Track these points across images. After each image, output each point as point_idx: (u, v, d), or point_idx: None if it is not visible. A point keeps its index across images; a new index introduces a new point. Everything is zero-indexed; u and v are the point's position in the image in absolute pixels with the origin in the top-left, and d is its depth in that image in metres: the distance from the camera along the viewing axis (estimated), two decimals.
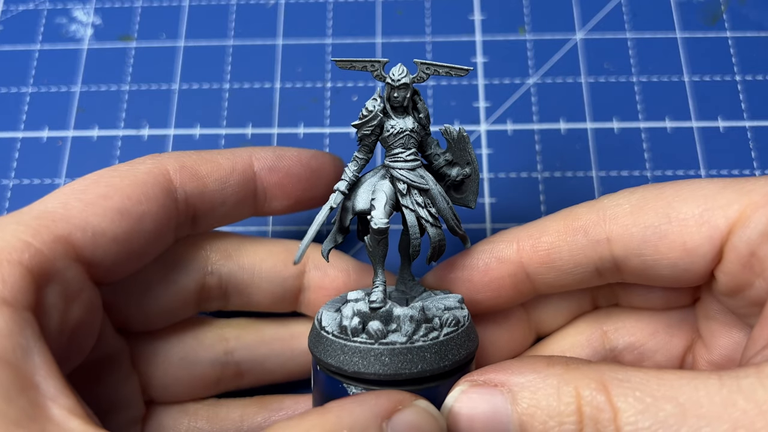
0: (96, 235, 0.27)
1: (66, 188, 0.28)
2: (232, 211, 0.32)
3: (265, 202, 0.33)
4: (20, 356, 0.22)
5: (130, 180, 0.29)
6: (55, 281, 0.25)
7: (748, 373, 0.22)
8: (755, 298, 0.27)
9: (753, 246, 0.26)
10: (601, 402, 0.23)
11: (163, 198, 0.29)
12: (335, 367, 0.27)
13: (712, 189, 0.28)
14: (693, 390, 0.22)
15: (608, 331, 0.34)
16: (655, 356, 0.33)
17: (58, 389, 0.23)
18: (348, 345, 0.27)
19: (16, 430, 0.21)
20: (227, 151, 0.32)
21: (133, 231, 0.28)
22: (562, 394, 0.24)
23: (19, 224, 0.25)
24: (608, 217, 0.29)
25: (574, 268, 0.30)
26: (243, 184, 0.32)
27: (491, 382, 0.26)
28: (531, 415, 0.24)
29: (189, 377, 0.33)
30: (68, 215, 0.26)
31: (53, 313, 0.25)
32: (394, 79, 0.29)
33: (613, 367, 0.24)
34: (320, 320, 0.29)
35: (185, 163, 0.31)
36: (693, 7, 0.46)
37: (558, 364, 0.25)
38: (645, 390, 0.23)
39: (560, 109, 0.43)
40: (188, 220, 0.31)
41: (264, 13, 0.47)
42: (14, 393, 0.21)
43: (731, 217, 0.27)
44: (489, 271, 0.31)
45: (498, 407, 0.25)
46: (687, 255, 0.28)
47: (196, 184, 0.31)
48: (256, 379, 0.35)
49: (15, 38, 0.47)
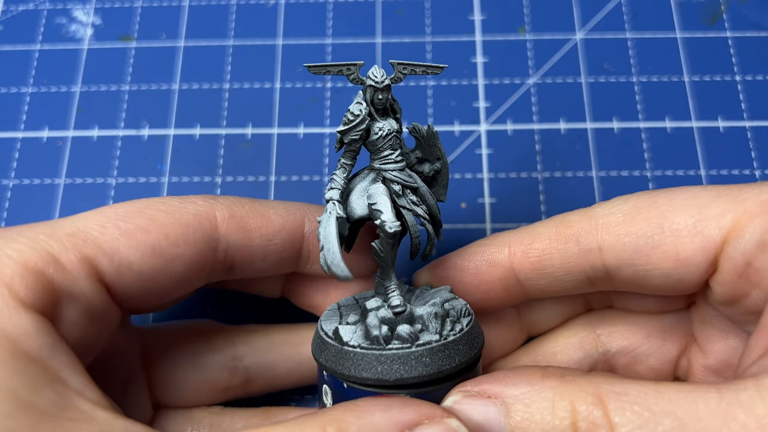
0: (122, 266, 0.27)
1: (109, 210, 0.28)
2: (271, 266, 0.31)
3: (308, 263, 0.32)
4: (47, 353, 0.23)
5: (174, 218, 0.28)
6: (76, 299, 0.25)
7: (747, 386, 0.22)
8: (752, 307, 0.27)
9: (749, 256, 0.26)
10: (598, 417, 0.23)
11: (203, 245, 0.29)
12: (373, 379, 0.26)
13: (706, 198, 0.27)
14: (692, 404, 0.22)
15: (601, 334, 0.34)
16: (648, 360, 0.33)
17: (83, 384, 0.23)
18: (384, 354, 0.26)
19: (46, 419, 0.21)
20: (281, 205, 0.31)
21: (162, 270, 0.28)
22: (557, 408, 0.24)
23: (51, 237, 0.25)
24: (600, 226, 0.29)
25: (565, 275, 0.30)
26: (289, 243, 0.31)
27: (485, 393, 0.25)
28: (524, 429, 0.24)
29: (197, 381, 0.33)
30: (100, 240, 0.26)
31: (72, 328, 0.25)
32: (377, 81, 0.28)
33: (609, 379, 0.24)
34: (336, 337, 0.28)
35: (236, 212, 0.30)
36: (693, 7, 0.46)
37: (553, 377, 0.25)
38: (643, 404, 0.23)
39: (560, 109, 0.43)
40: (225, 268, 0.31)
41: (264, 13, 0.47)
42: (42, 386, 0.22)
43: (725, 227, 0.26)
44: (479, 274, 0.31)
45: (491, 419, 0.24)
46: (680, 265, 0.27)
47: (242, 237, 0.30)
48: (264, 385, 0.35)
49: (15, 38, 0.47)
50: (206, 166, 0.43)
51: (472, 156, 0.42)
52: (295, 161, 0.43)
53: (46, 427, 0.21)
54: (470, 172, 0.42)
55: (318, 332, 0.29)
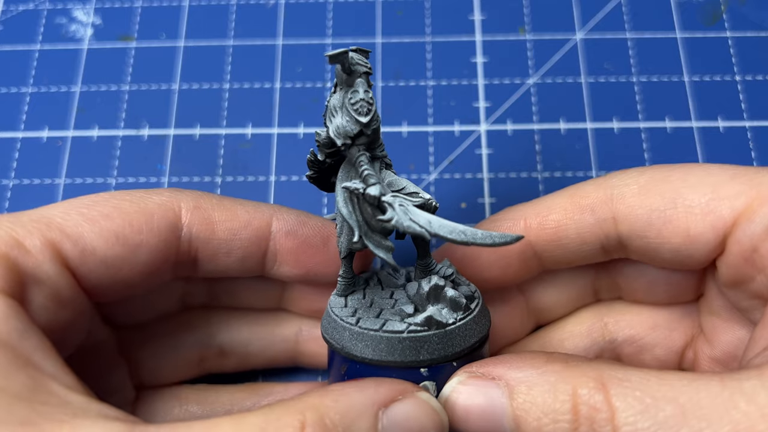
0: (86, 251, 0.27)
1: (75, 200, 0.28)
2: (236, 264, 0.31)
3: (275, 265, 0.32)
4: (16, 337, 0.23)
5: (138, 207, 0.28)
6: (42, 283, 0.25)
7: (750, 375, 0.22)
8: (756, 292, 0.27)
9: (756, 241, 0.26)
10: (599, 401, 0.23)
11: (166, 233, 0.29)
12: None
13: (721, 177, 0.28)
14: (694, 391, 0.22)
15: (608, 323, 0.34)
16: (654, 350, 0.33)
17: (56, 368, 0.23)
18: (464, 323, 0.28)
19: (18, 403, 0.21)
20: (251, 203, 0.31)
21: (126, 258, 0.28)
22: (558, 392, 0.24)
23: (14, 223, 0.26)
24: (615, 197, 0.29)
25: (581, 245, 0.30)
26: (254, 241, 0.31)
27: (489, 374, 0.26)
28: (526, 411, 0.24)
29: (173, 357, 0.34)
30: (63, 224, 0.27)
31: (41, 313, 0.25)
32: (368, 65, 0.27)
33: (613, 365, 0.24)
34: (398, 329, 0.27)
35: (201, 204, 0.30)
36: (693, 7, 0.46)
37: (557, 361, 0.25)
38: (645, 390, 0.23)
39: (560, 109, 0.43)
40: (189, 261, 0.30)
41: (264, 13, 0.47)
42: (13, 370, 0.22)
43: (737, 209, 0.27)
44: (497, 250, 0.31)
45: (494, 400, 0.25)
46: (690, 242, 0.28)
47: (205, 228, 0.30)
48: (239, 361, 0.35)
49: (15, 38, 0.47)
50: (206, 166, 0.43)
51: (472, 156, 0.42)
52: (295, 161, 0.43)
53: (19, 410, 0.21)
54: (470, 172, 0.42)
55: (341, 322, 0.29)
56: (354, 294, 0.30)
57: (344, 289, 0.30)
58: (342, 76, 0.27)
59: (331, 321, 0.29)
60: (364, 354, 0.27)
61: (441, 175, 0.42)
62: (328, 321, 0.29)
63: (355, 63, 0.26)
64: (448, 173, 0.42)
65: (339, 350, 0.28)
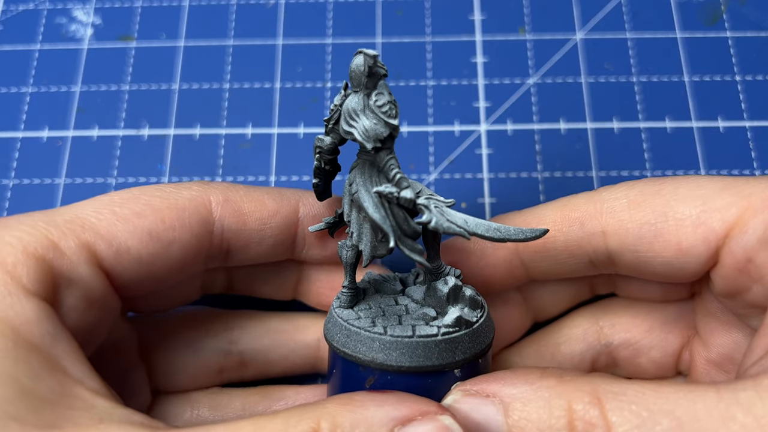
0: (120, 251, 0.27)
1: (105, 197, 0.28)
2: (267, 251, 0.32)
3: (304, 249, 0.32)
4: (48, 342, 0.23)
5: (169, 203, 0.29)
6: (76, 285, 0.25)
7: (746, 386, 0.22)
8: (753, 302, 0.27)
9: (750, 252, 0.26)
10: (594, 416, 0.23)
11: (198, 228, 0.29)
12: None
13: (711, 189, 0.27)
14: (690, 403, 0.22)
15: (604, 326, 0.34)
16: (650, 352, 0.33)
17: (84, 372, 0.23)
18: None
19: (46, 406, 0.22)
20: (276, 190, 0.32)
21: (159, 254, 0.28)
22: (554, 408, 0.24)
23: (49, 224, 0.26)
24: (605, 211, 0.29)
25: (569, 258, 0.30)
26: (284, 227, 0.31)
27: (484, 392, 0.25)
28: (521, 428, 0.24)
29: (193, 365, 0.33)
30: (98, 225, 0.27)
31: (72, 315, 0.25)
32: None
33: (608, 379, 0.24)
34: (431, 333, 0.27)
35: (230, 196, 0.30)
36: (693, 7, 0.46)
37: (551, 376, 0.25)
38: (641, 403, 0.22)
39: (560, 109, 0.43)
40: (221, 253, 0.31)
41: (264, 13, 0.47)
42: (44, 374, 0.22)
43: (728, 221, 0.26)
44: (485, 256, 0.31)
45: (489, 418, 0.25)
46: (681, 255, 0.28)
47: (236, 221, 0.30)
48: (259, 369, 0.35)
49: (15, 38, 0.47)
50: (206, 166, 0.43)
51: (472, 156, 0.42)
52: (295, 161, 0.43)
53: (47, 414, 0.21)
54: (470, 172, 0.42)
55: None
56: (359, 304, 0.30)
57: (350, 300, 0.29)
58: (362, 79, 0.26)
59: (352, 334, 0.28)
60: (401, 362, 0.27)
61: (441, 175, 0.42)
62: (346, 335, 0.28)
63: (377, 65, 0.27)
64: (448, 173, 0.42)
65: (368, 362, 0.27)
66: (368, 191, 0.28)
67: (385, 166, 0.27)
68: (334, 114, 0.28)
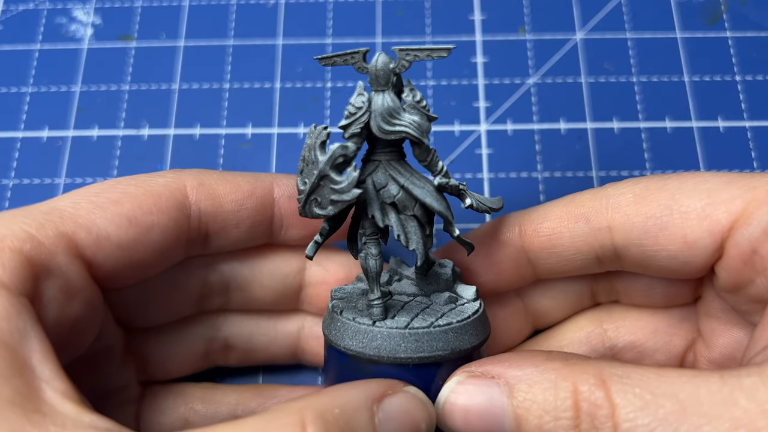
0: (100, 238, 0.27)
1: (81, 189, 0.28)
2: (246, 234, 0.32)
3: (282, 230, 0.33)
4: (17, 339, 0.22)
5: (145, 189, 0.29)
6: (55, 275, 0.25)
7: (750, 372, 0.22)
8: (756, 295, 0.27)
9: (755, 243, 0.26)
10: (599, 398, 0.23)
11: (176, 212, 0.29)
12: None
13: (716, 183, 0.28)
14: (694, 388, 0.22)
15: (608, 329, 0.34)
16: (655, 355, 0.33)
17: (53, 373, 0.23)
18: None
19: (11, 408, 0.21)
20: (250, 174, 0.32)
21: (140, 240, 0.28)
22: (559, 389, 0.24)
23: (27, 217, 0.26)
24: (611, 206, 0.29)
25: (575, 254, 0.30)
26: (260, 208, 0.31)
27: (488, 373, 0.26)
28: (527, 409, 0.24)
29: (181, 352, 0.34)
30: (76, 214, 0.27)
31: (52, 306, 0.25)
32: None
33: (612, 363, 0.24)
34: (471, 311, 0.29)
35: (204, 180, 0.31)
36: (693, 7, 0.46)
37: (557, 359, 0.25)
38: (645, 387, 0.23)
39: (560, 109, 0.43)
40: (200, 238, 0.31)
41: (264, 13, 0.47)
42: (10, 374, 0.22)
43: (734, 213, 0.27)
44: (491, 254, 0.31)
45: (494, 399, 0.25)
46: (687, 248, 0.28)
47: (212, 203, 0.30)
48: (242, 356, 0.35)
49: (15, 38, 0.47)
50: (206, 166, 0.42)
51: (472, 156, 0.42)
52: (295, 161, 0.43)
53: (11, 417, 0.21)
54: (470, 172, 0.42)
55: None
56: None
57: (383, 311, 0.28)
58: (390, 77, 0.27)
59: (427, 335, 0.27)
60: (473, 343, 0.28)
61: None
62: (390, 342, 0.27)
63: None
64: None
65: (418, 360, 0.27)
66: (422, 186, 0.28)
67: (432, 158, 0.28)
68: (357, 118, 0.27)
